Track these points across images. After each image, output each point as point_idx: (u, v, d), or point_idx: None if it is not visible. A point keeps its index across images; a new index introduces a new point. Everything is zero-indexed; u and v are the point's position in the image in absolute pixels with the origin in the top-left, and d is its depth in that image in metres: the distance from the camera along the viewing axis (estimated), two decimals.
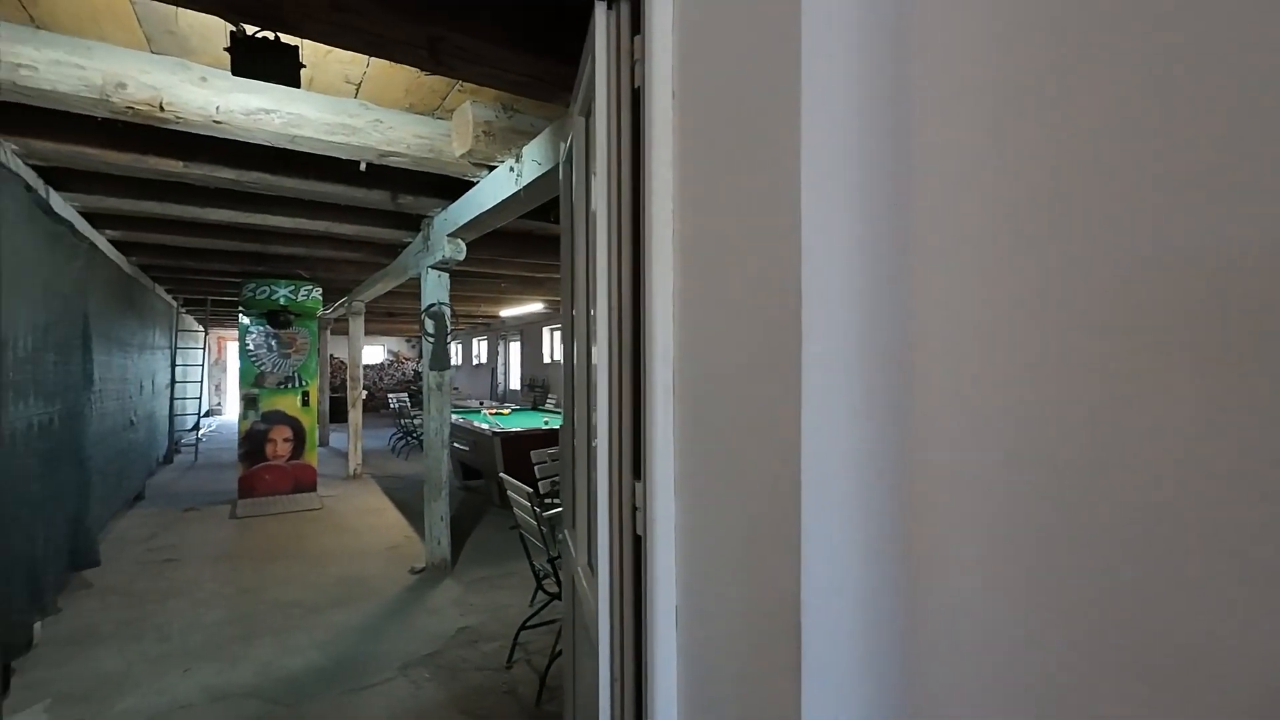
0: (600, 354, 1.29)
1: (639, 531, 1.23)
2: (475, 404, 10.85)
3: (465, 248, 3.99)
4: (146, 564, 4.59)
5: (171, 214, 4.09)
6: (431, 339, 4.30)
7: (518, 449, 5.64)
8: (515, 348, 15.39)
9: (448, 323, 4.34)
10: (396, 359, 20.77)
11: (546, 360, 12.75)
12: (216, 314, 11.09)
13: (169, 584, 4.18)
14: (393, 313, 12.34)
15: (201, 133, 2.58)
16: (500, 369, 15.71)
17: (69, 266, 3.77)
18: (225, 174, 3.28)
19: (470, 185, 3.55)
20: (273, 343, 6.80)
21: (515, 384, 15.33)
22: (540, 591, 3.08)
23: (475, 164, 3.04)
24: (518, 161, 2.77)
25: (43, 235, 3.29)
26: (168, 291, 8.61)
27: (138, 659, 3.15)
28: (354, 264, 6.71)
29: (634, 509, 1.24)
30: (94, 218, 4.43)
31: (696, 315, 1.07)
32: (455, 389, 16.74)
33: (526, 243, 5.67)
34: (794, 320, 0.85)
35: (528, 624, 3.19)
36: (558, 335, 12.56)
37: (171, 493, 7.08)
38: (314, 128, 2.65)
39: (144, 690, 2.86)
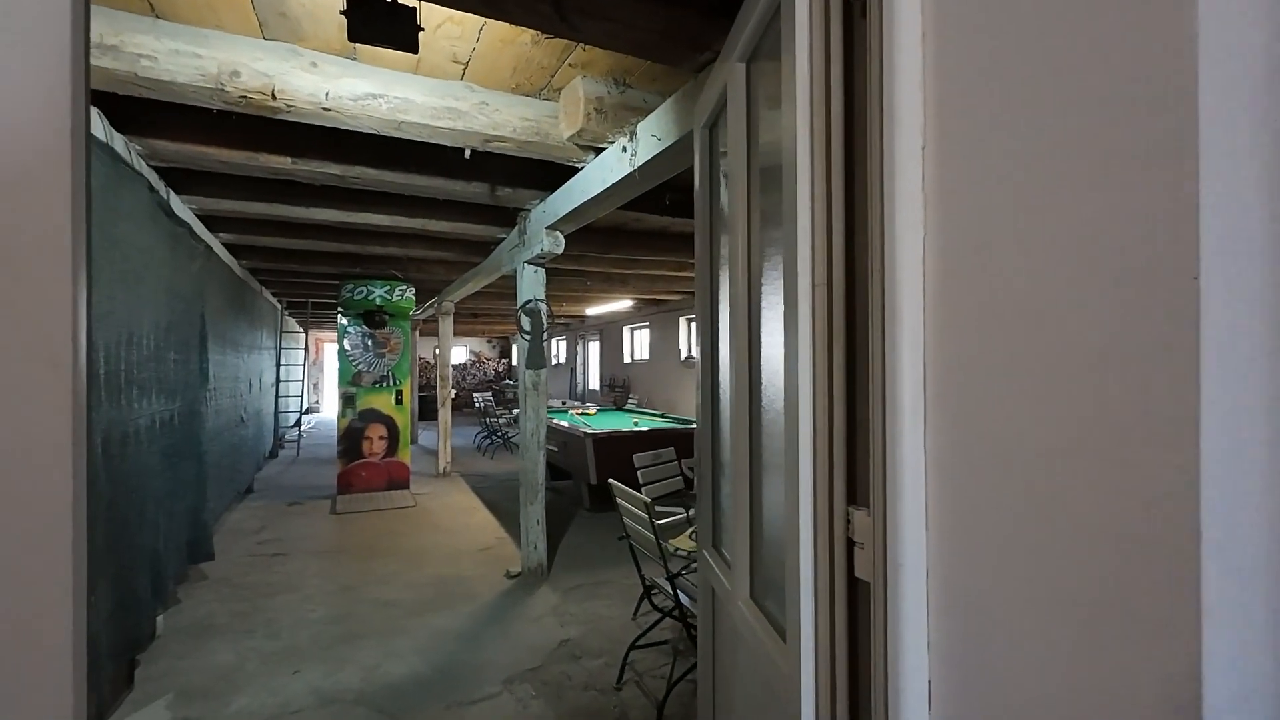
0: (801, 342, 1.01)
1: (859, 574, 0.94)
2: (558, 403, 10.85)
3: (564, 241, 3.82)
4: (257, 556, 4.72)
5: (278, 214, 4.16)
6: (528, 336, 4.17)
7: (611, 451, 5.46)
8: (594, 347, 15.38)
9: (544, 319, 4.20)
10: (478, 359, 21.33)
11: (627, 360, 12.62)
12: (316, 316, 11.65)
13: (277, 578, 4.25)
14: (477, 313, 12.57)
15: (310, 122, 2.50)
16: (579, 369, 15.75)
17: (188, 268, 3.88)
18: (331, 169, 3.25)
19: (571, 174, 3.37)
20: (368, 342, 6.96)
21: (594, 384, 15.33)
22: (650, 607, 2.85)
23: (583, 146, 2.84)
24: (631, 140, 2.55)
25: (165, 236, 3.37)
26: (273, 294, 9.05)
27: (250, 655, 3.15)
28: (445, 263, 6.77)
29: (849, 544, 0.96)
30: (208, 220, 4.59)
31: (972, 289, 0.78)
32: None
33: (616, 238, 5.48)
34: (1185, 294, 0.55)
35: (638, 643, 2.96)
36: (639, 334, 12.40)
37: (278, 486, 7.39)
38: (420, 112, 2.52)
39: (256, 688, 2.84)
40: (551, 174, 3.70)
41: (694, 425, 5.74)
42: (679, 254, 5.83)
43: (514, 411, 9.58)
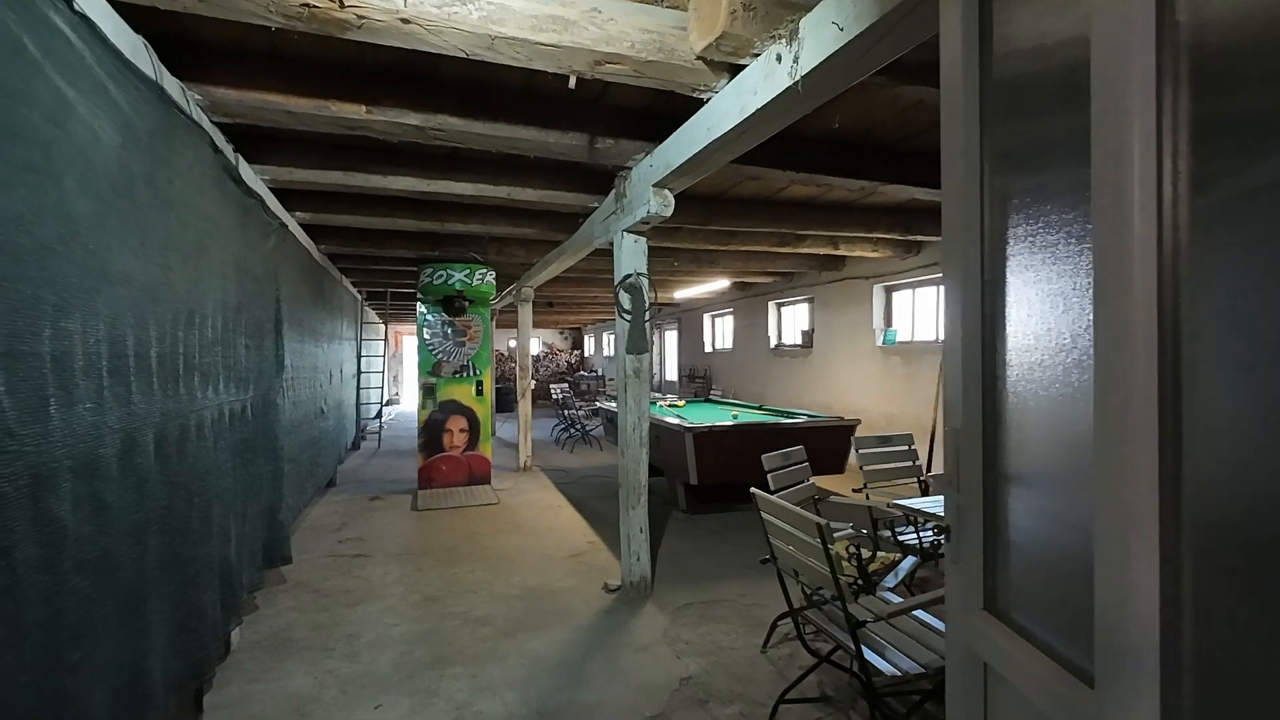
0: None
1: None
2: None
3: (673, 202, 3.23)
4: (338, 557, 4.41)
5: (353, 185, 3.77)
6: (628, 316, 3.61)
7: (716, 448, 4.85)
8: (671, 337, 14.79)
9: (647, 296, 3.63)
10: (550, 351, 21.22)
11: (708, 349, 11.96)
12: (395, 307, 11.61)
13: (357, 583, 3.90)
14: (552, 302, 12.23)
15: (386, 42, 2.01)
16: (656, 359, 15.22)
17: (261, 245, 3.55)
18: (410, 119, 2.77)
19: (683, 121, 2.76)
20: (448, 330, 6.63)
21: (670, 374, 14.75)
22: (796, 641, 2.23)
23: (716, 64, 2.23)
24: (790, 42, 1.91)
25: (234, 206, 3.01)
26: (353, 284, 8.96)
27: (328, 680, 2.75)
28: (526, 244, 6.33)
29: None
30: (283, 196, 4.28)
31: None
32: (611, 379, 16.57)
33: (714, 208, 4.85)
34: None
35: (787, 697, 2.34)
36: (721, 321, 11.71)
37: (359, 479, 7.22)
38: (517, 23, 1.98)
39: None
40: (660, 123, 3.11)
41: (803, 419, 5.02)
42: (793, 223, 5.12)
43: (597, 403, 9.14)
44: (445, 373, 6.60)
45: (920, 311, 7.00)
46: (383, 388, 10.68)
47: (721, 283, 8.83)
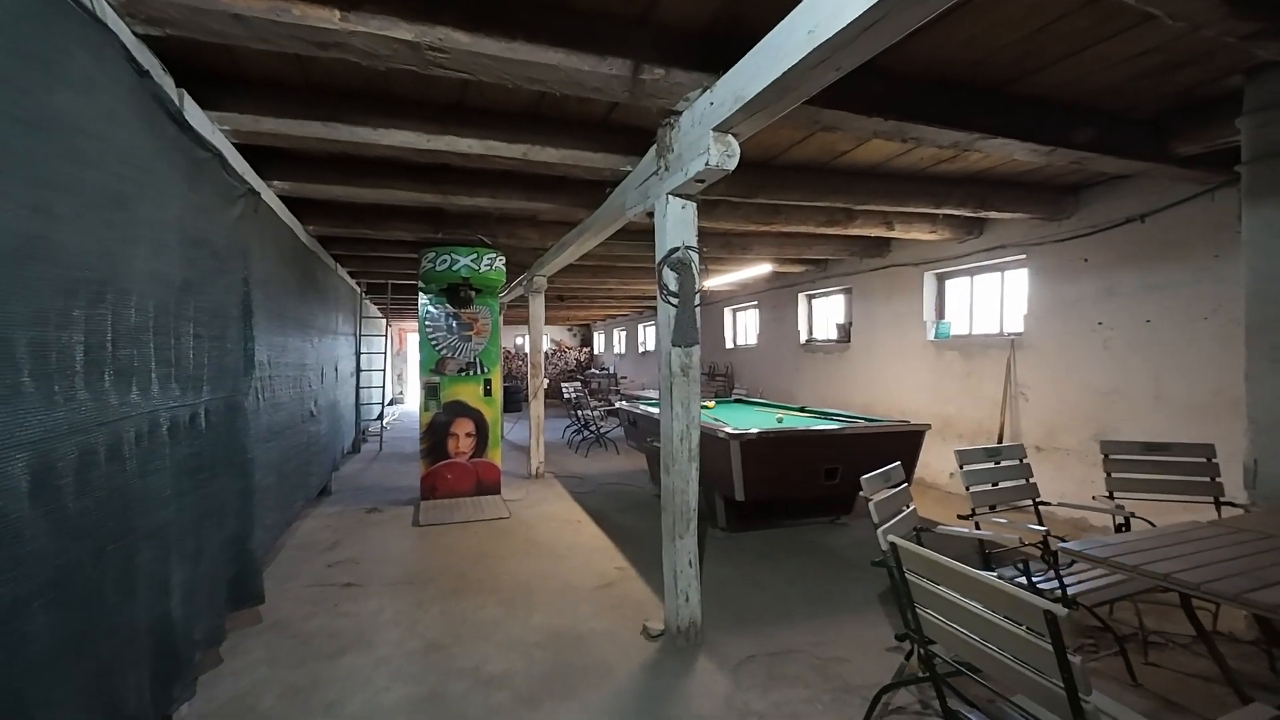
0: None
1: None
2: (655, 394, 9.64)
3: (739, 151, 2.53)
4: (325, 587, 3.74)
5: (339, 140, 3.08)
6: (674, 300, 2.92)
7: (768, 459, 4.15)
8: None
9: (697, 275, 2.93)
10: (559, 348, 20.54)
11: (729, 345, 11.25)
12: (397, 301, 10.95)
13: (346, 624, 3.23)
14: (563, 295, 11.56)
15: None
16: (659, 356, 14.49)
17: (222, 214, 2.88)
18: (401, 32, 2.09)
19: (763, 35, 2.06)
20: (453, 323, 5.95)
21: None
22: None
23: None
24: None
25: (176, 156, 2.33)
26: (351, 275, 8.29)
27: None
28: (540, 226, 5.64)
29: None
30: (257, 162, 3.60)
31: None
32: (624, 378, 15.88)
33: (759, 176, 4.15)
34: None
35: None
36: (743, 315, 10.99)
37: (357, 486, 6.56)
38: None
39: None
40: (724, 48, 2.41)
41: (863, 424, 4.30)
42: (850, 195, 4.41)
43: (615, 403, 8.45)
44: (450, 370, 5.92)
45: (980, 301, 6.27)
46: (384, 387, 10.03)
47: (753, 271, 8.10)
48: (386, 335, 9.76)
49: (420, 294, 5.87)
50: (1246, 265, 3.04)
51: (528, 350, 7.36)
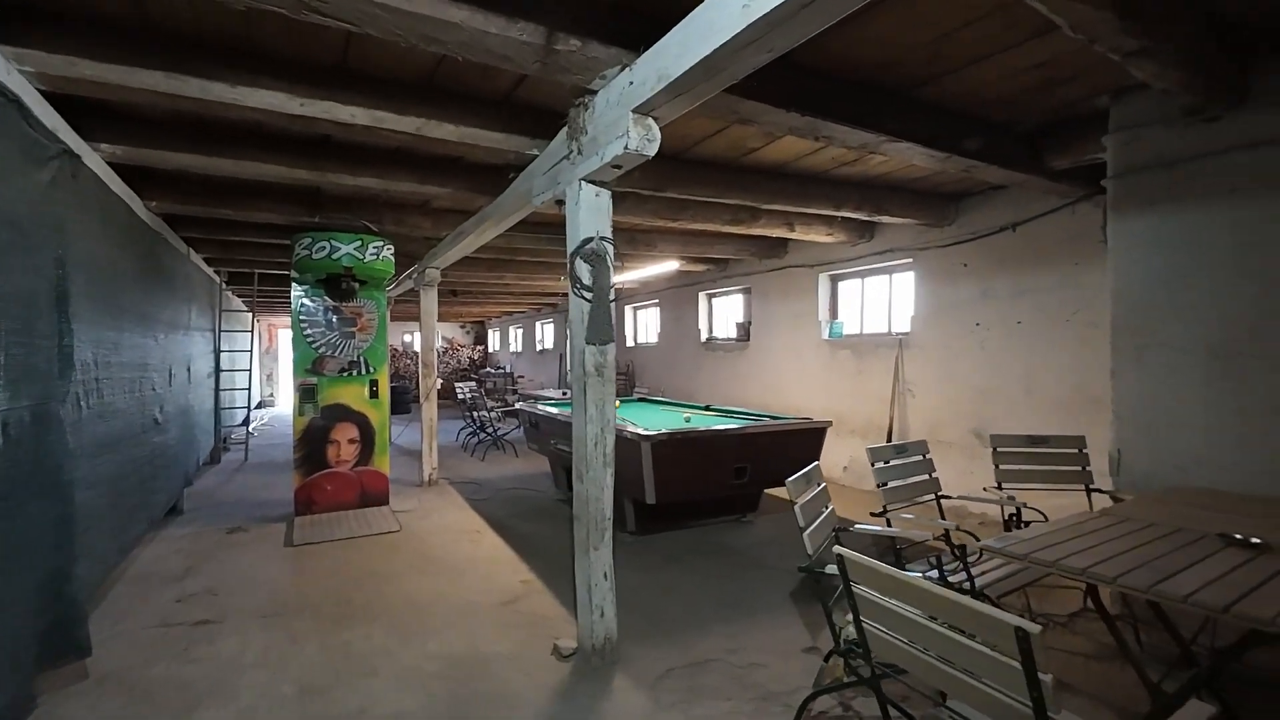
0: None
1: None
2: (556, 394, 9.37)
3: (659, 135, 2.37)
4: (171, 627, 3.18)
5: (187, 96, 2.58)
6: (588, 295, 2.72)
7: (680, 459, 4.04)
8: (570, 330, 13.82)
9: (611, 267, 2.75)
10: (451, 346, 19.59)
11: (630, 343, 11.17)
12: (266, 294, 9.88)
13: (197, 671, 2.73)
14: (456, 290, 10.97)
15: None
16: (569, 354, 14.21)
17: (23, 176, 2.31)
18: None
19: (688, 11, 1.91)
20: (333, 318, 5.36)
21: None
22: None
23: None
24: None
25: None
26: (208, 262, 7.32)
27: None
28: (433, 214, 5.22)
29: None
30: (76, 118, 2.97)
31: None
32: (521, 377, 15.36)
33: (669, 170, 4.05)
34: None
35: None
36: (644, 314, 10.95)
37: (216, 503, 5.76)
38: None
39: None
40: (646, 26, 2.24)
41: (768, 422, 4.33)
42: (757, 194, 4.41)
43: (516, 404, 8.06)
44: (330, 370, 5.33)
45: (870, 302, 6.58)
46: (250, 389, 8.98)
47: (660, 268, 8.04)
48: (253, 331, 8.74)
49: (294, 285, 5.23)
50: (1112, 271, 3.33)
51: (417, 348, 6.83)
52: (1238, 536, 1.94)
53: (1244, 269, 2.88)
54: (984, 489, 3.42)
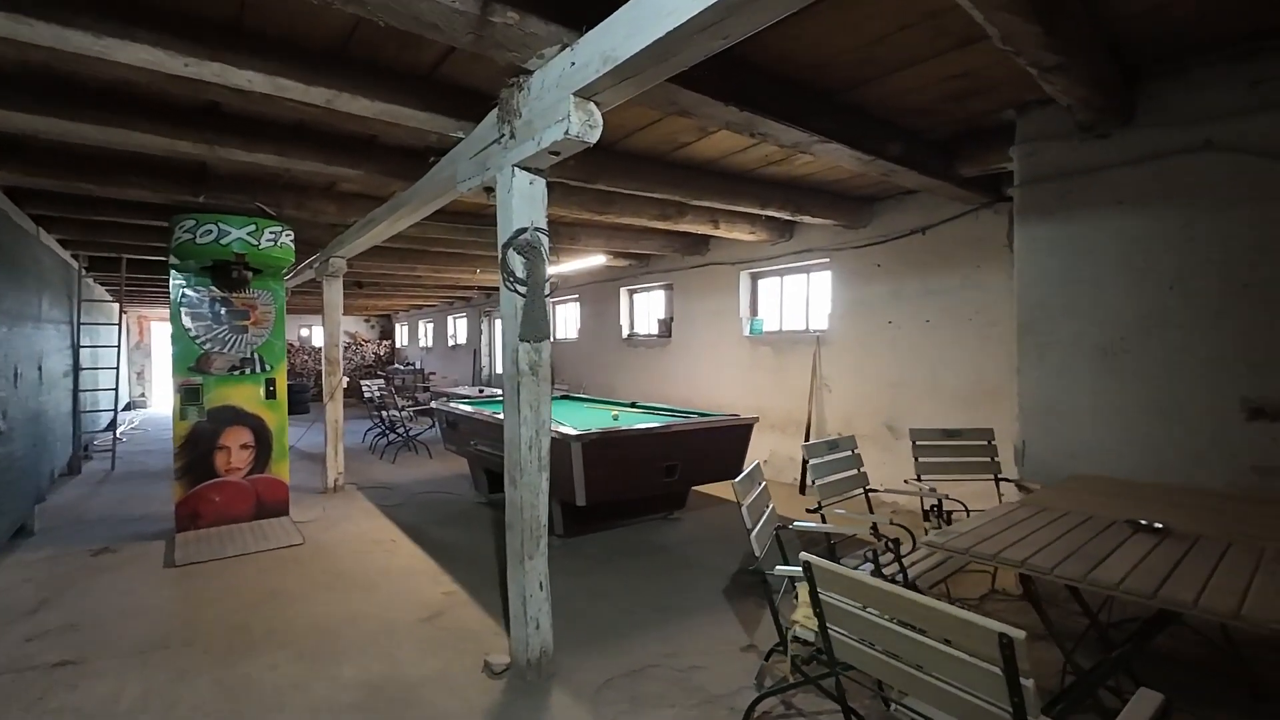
0: None
1: None
2: (471, 391, 9.00)
3: (601, 121, 2.25)
4: (22, 671, 2.71)
5: (35, 42, 2.17)
6: (523, 289, 2.55)
7: (611, 459, 3.94)
8: (501, 326, 13.40)
9: (546, 259, 2.60)
10: (354, 341, 18.42)
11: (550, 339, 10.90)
12: (136, 282, 8.82)
13: None
14: (362, 282, 10.29)
15: None
16: (484, 350, 13.74)
17: None
18: None
19: None
20: (221, 310, 4.82)
21: (501, 368, 13.41)
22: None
23: None
24: None
25: None
26: (64, 245, 6.40)
27: None
28: (341, 199, 4.81)
29: None
30: None
31: None
32: (433, 374, 14.66)
33: (599, 161, 3.95)
34: None
35: None
36: (564, 309, 10.73)
37: (76, 520, 5.04)
38: None
39: None
40: (587, 1, 2.11)
41: (697, 419, 4.34)
42: (686, 189, 4.38)
43: (431, 403, 7.62)
44: (218, 368, 4.79)
45: (790, 300, 6.76)
46: (117, 389, 7.98)
47: (586, 262, 7.87)
48: (121, 324, 7.76)
49: (174, 273, 4.64)
50: (1017, 275, 3.56)
51: (316, 344, 6.31)
52: (1143, 522, 2.09)
53: (1127, 275, 3.16)
54: (905, 481, 3.57)
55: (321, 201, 4.73)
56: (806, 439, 6.01)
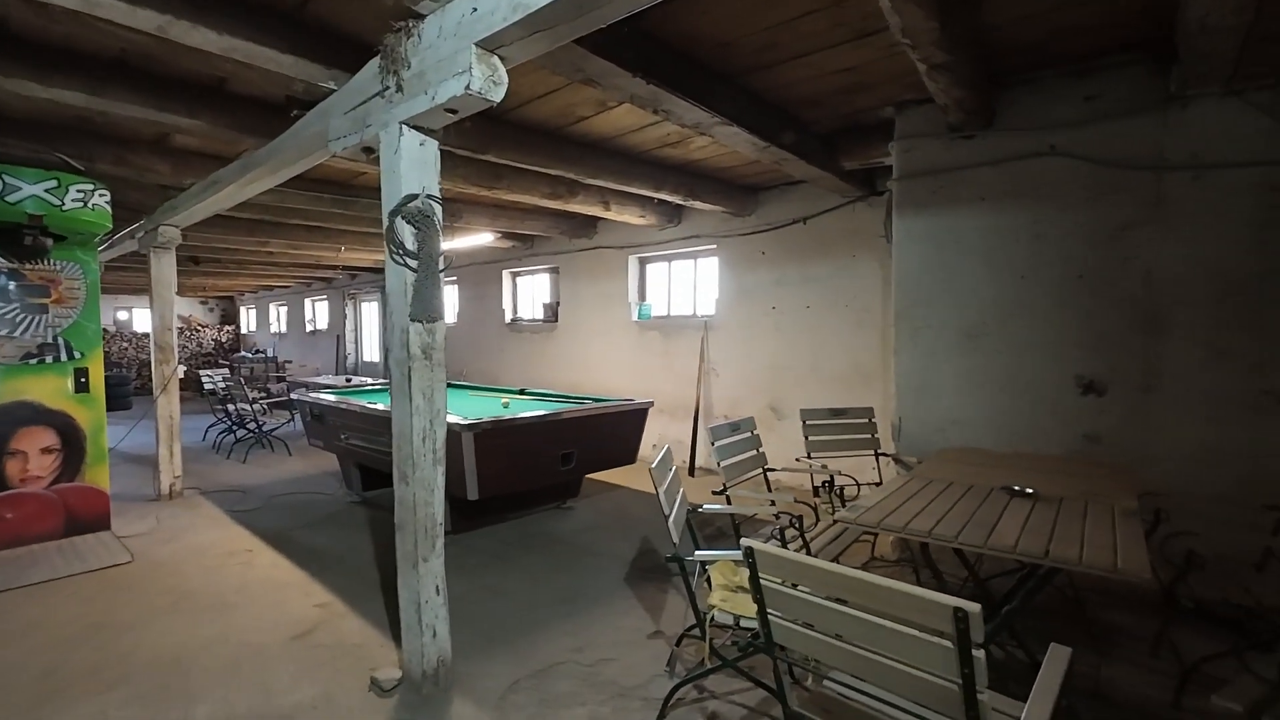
0: None
1: None
2: (338, 380, 8.22)
3: (506, 78, 2.04)
4: None
5: None
6: (413, 262, 2.29)
7: (503, 450, 3.71)
8: (370, 309, 12.40)
9: (440, 230, 2.34)
10: (187, 325, 16.16)
11: None
12: None
13: None
14: (197, 257, 9.01)
15: None
16: (350, 336, 12.62)
17: None
18: None
19: None
20: (9, 285, 3.94)
21: (371, 354, 12.42)
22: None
23: None
24: None
25: None
26: None
27: None
28: (174, 155, 4.12)
29: None
30: None
31: None
32: (288, 362, 13.21)
33: (492, 131, 3.69)
34: None
35: None
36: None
37: None
38: None
39: None
40: None
41: (592, 405, 4.29)
42: (580, 167, 4.22)
43: (293, 394, 6.80)
44: (6, 355, 3.92)
45: (677, 285, 6.83)
46: None
47: (473, 240, 7.41)
48: None
49: None
50: (895, 263, 3.80)
51: (139, 328, 5.40)
52: (1016, 489, 2.30)
53: (988, 266, 3.48)
54: (796, 459, 3.71)
55: (149, 157, 3.99)
56: (695, 422, 6.13)
